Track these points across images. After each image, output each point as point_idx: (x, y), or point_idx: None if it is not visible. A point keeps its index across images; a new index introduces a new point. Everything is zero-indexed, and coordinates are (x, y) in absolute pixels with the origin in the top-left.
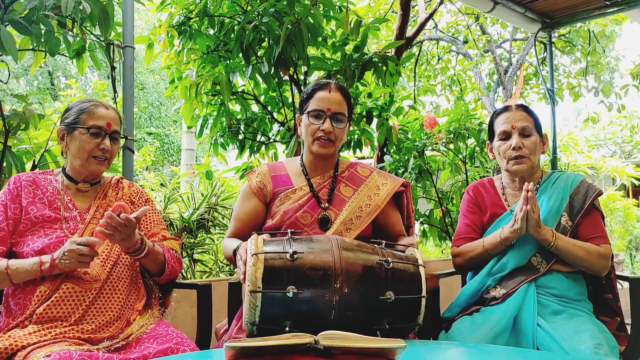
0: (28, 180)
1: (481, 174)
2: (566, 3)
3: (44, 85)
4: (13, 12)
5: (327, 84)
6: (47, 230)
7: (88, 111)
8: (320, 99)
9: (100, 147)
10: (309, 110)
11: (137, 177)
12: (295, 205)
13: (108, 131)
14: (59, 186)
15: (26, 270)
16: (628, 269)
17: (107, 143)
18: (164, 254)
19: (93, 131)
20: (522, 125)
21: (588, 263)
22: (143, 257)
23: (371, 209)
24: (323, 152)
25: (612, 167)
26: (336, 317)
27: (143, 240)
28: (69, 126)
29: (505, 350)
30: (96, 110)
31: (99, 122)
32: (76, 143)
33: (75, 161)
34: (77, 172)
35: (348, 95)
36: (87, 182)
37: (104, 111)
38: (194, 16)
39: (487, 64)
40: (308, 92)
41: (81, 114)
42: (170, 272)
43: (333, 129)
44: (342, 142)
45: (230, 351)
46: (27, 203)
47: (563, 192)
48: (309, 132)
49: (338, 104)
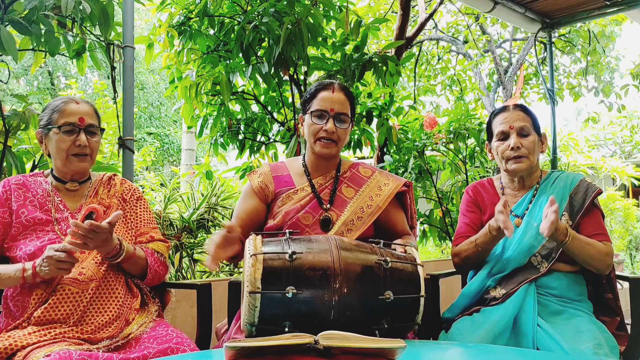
0: (17, 183)
1: (481, 174)
2: (566, 3)
3: (44, 85)
4: (13, 12)
5: (330, 84)
6: (39, 233)
7: (59, 109)
8: (323, 99)
9: (77, 144)
10: (312, 110)
11: (137, 177)
12: (296, 205)
13: (82, 126)
14: (48, 188)
15: (9, 276)
16: (628, 269)
17: (83, 138)
18: (146, 259)
19: (65, 129)
20: (520, 125)
21: (596, 261)
22: (122, 262)
23: (372, 210)
24: (325, 152)
25: (612, 167)
26: (335, 317)
27: (122, 245)
28: (44, 128)
29: (505, 350)
30: (66, 107)
31: (70, 119)
32: (53, 143)
33: (57, 161)
34: (61, 172)
35: (351, 95)
36: (74, 181)
37: (75, 107)
38: (194, 16)
39: (487, 64)
40: (311, 92)
41: (53, 114)
42: (153, 276)
43: (336, 129)
44: (345, 142)
45: (230, 351)
46: (17, 206)
47: (563, 191)
48: (311, 132)
49: (341, 104)
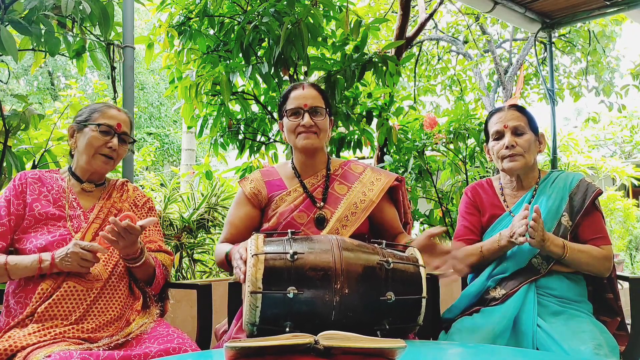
0: (34, 177)
1: (481, 174)
2: (566, 3)
3: (44, 85)
4: (13, 12)
5: (300, 83)
6: (50, 228)
7: (100, 111)
8: (295, 97)
9: (108, 145)
10: (287, 110)
11: (137, 177)
12: (290, 206)
13: (118, 131)
14: (64, 185)
15: (25, 266)
16: (628, 269)
17: (115, 142)
18: (154, 268)
19: (103, 129)
20: (515, 124)
21: (593, 267)
22: (138, 266)
23: (366, 205)
24: (307, 143)
25: (612, 167)
26: (336, 317)
27: (143, 250)
28: (80, 123)
29: (505, 350)
30: (108, 111)
31: (109, 121)
32: (85, 139)
33: (82, 157)
34: (82, 169)
35: (322, 91)
36: (91, 182)
37: (116, 112)
38: (194, 16)
39: (487, 64)
40: (283, 95)
41: (93, 113)
42: (155, 286)
43: (314, 122)
44: (327, 134)
45: (230, 351)
46: (31, 200)
47: (562, 191)
48: (290, 130)
49: (313, 99)
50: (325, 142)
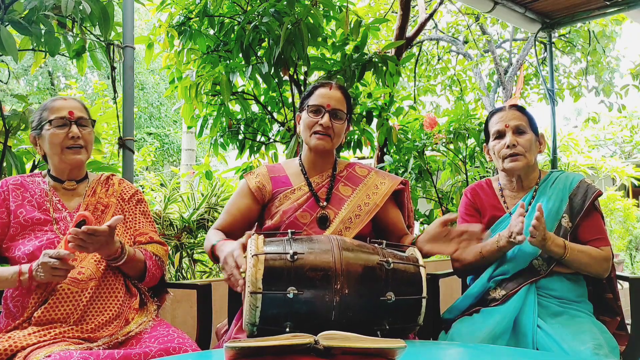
0: (16, 183)
1: (481, 174)
2: (566, 3)
3: (44, 85)
4: (13, 12)
5: (328, 82)
6: (37, 233)
7: (48, 108)
8: (320, 95)
9: (70, 136)
10: (309, 105)
11: (137, 177)
12: (294, 204)
13: (72, 119)
14: (46, 187)
15: (6, 279)
16: (628, 269)
17: (75, 130)
18: (144, 262)
19: (57, 123)
20: (516, 123)
21: (592, 268)
22: (122, 264)
23: (370, 208)
24: (320, 145)
25: (612, 167)
26: (336, 317)
27: (123, 248)
28: (36, 128)
29: (505, 350)
30: (54, 104)
31: (60, 114)
32: (47, 141)
33: (53, 158)
34: (59, 169)
35: (348, 95)
36: (72, 179)
37: (62, 102)
38: (194, 16)
39: (487, 64)
40: (309, 90)
41: (43, 113)
42: (150, 279)
43: (332, 125)
44: (340, 140)
45: (231, 351)
46: (15, 207)
47: (562, 192)
48: (307, 126)
49: (337, 101)
50: (336, 146)
